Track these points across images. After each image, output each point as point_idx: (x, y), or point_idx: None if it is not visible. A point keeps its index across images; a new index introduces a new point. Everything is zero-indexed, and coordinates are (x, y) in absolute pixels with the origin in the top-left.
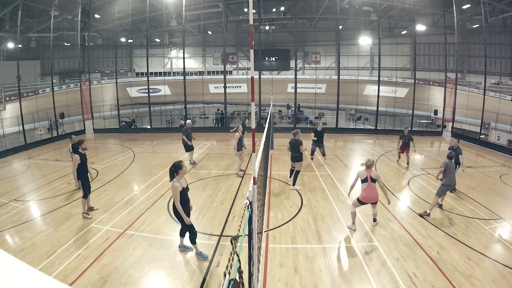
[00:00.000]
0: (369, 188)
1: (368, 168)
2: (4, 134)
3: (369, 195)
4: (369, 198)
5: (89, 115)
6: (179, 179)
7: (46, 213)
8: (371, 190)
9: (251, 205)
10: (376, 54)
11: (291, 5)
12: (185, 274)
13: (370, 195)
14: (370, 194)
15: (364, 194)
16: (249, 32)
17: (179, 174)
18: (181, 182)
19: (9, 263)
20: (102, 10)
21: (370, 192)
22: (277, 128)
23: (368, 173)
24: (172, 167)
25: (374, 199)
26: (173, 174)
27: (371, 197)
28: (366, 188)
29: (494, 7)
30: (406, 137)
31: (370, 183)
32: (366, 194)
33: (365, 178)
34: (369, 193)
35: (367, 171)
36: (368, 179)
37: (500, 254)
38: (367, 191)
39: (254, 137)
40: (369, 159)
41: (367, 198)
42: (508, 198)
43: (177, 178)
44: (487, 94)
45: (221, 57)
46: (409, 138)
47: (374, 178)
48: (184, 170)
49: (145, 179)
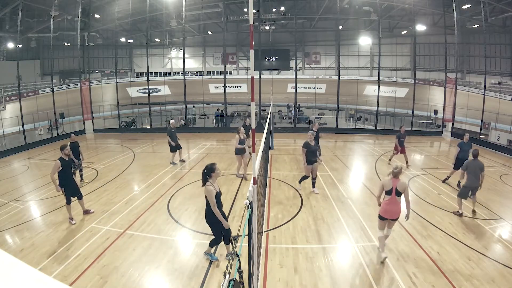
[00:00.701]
0: (393, 201)
1: (395, 177)
2: (4, 134)
3: (391, 209)
4: (390, 213)
5: (89, 115)
6: (212, 183)
7: (46, 213)
8: (395, 203)
9: (251, 205)
10: (376, 54)
11: (291, 5)
12: (185, 274)
13: (392, 209)
14: (393, 208)
15: (386, 208)
16: (249, 32)
17: (212, 178)
18: (215, 186)
19: (9, 263)
20: (102, 10)
21: (393, 206)
22: (277, 128)
23: (394, 183)
24: (205, 170)
25: (395, 214)
26: (206, 177)
27: (393, 211)
28: (389, 201)
29: (494, 7)
30: (403, 135)
31: (395, 196)
32: (388, 208)
33: (390, 190)
34: (392, 206)
35: (394, 181)
36: (393, 190)
37: (500, 254)
38: (389, 204)
39: (254, 137)
40: (397, 165)
41: (388, 212)
42: (508, 198)
43: (210, 182)
44: (487, 94)
45: (221, 57)
46: (405, 136)
47: (400, 191)
48: (217, 173)
49: (145, 179)
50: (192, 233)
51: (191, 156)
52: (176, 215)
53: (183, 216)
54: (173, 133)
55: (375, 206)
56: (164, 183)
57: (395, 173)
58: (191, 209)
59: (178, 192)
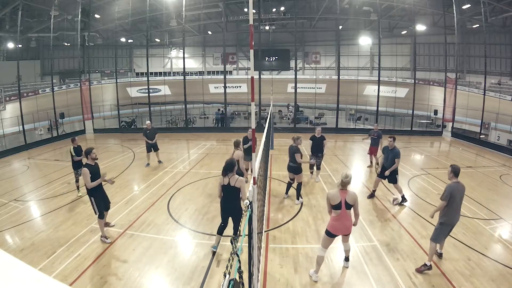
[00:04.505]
0: (343, 215)
1: (343, 188)
2: (4, 134)
3: (342, 224)
4: (341, 229)
5: (89, 115)
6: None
7: (46, 213)
8: (345, 218)
9: (251, 205)
10: (376, 54)
11: (291, 5)
12: (185, 274)
13: (344, 225)
14: (344, 223)
15: (335, 224)
16: (249, 32)
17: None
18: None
19: (9, 263)
20: (102, 10)
21: (344, 221)
22: (277, 128)
23: (343, 196)
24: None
25: (347, 229)
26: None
27: (345, 227)
28: (339, 216)
29: (494, 7)
30: (375, 133)
31: (345, 210)
32: (338, 224)
33: (339, 204)
34: (343, 222)
35: (342, 193)
36: (342, 204)
37: (500, 254)
38: (339, 219)
39: (254, 137)
40: (346, 174)
41: (339, 229)
42: (508, 198)
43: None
44: (487, 94)
45: (221, 57)
46: (378, 135)
47: (350, 204)
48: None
49: (145, 179)
50: (192, 233)
51: (191, 156)
52: (176, 215)
53: (183, 216)
54: (147, 134)
55: (375, 206)
56: (164, 183)
57: (344, 184)
58: (191, 209)
59: (178, 192)
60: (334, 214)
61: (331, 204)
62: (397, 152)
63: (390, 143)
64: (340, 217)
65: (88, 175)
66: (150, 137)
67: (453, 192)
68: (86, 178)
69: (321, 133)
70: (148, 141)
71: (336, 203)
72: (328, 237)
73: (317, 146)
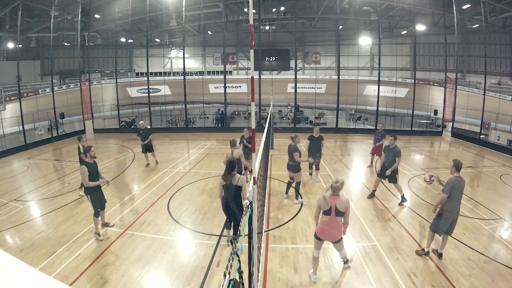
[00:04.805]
0: (332, 221)
1: (335, 193)
2: (4, 134)
3: (329, 231)
4: (328, 236)
5: (89, 115)
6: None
7: (46, 213)
8: (334, 226)
9: (251, 205)
10: (376, 54)
11: (291, 5)
12: (185, 274)
13: (331, 232)
14: (331, 231)
15: (323, 228)
16: (249, 32)
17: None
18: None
19: (9, 263)
20: (102, 10)
21: (332, 229)
22: (277, 128)
23: (334, 201)
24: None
25: (334, 238)
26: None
27: (332, 235)
28: (328, 221)
29: (494, 7)
30: (380, 133)
31: (335, 217)
32: (326, 229)
33: (329, 210)
34: (331, 228)
35: (333, 199)
36: (332, 210)
37: (500, 254)
38: (328, 225)
39: (254, 137)
40: (338, 179)
41: (325, 235)
42: (508, 198)
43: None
44: (487, 94)
45: (221, 57)
46: (382, 135)
47: (341, 211)
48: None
49: (145, 179)
50: (192, 233)
51: (191, 156)
52: (176, 215)
53: (183, 216)
54: (141, 134)
55: (375, 206)
56: (164, 183)
57: (334, 189)
58: (191, 209)
59: (178, 192)
60: (324, 218)
61: (322, 210)
62: (398, 151)
63: (391, 141)
64: (329, 222)
65: (86, 173)
66: (143, 138)
67: (455, 185)
68: (84, 176)
69: (320, 133)
70: (142, 141)
71: (327, 209)
72: (317, 240)
73: (315, 146)
